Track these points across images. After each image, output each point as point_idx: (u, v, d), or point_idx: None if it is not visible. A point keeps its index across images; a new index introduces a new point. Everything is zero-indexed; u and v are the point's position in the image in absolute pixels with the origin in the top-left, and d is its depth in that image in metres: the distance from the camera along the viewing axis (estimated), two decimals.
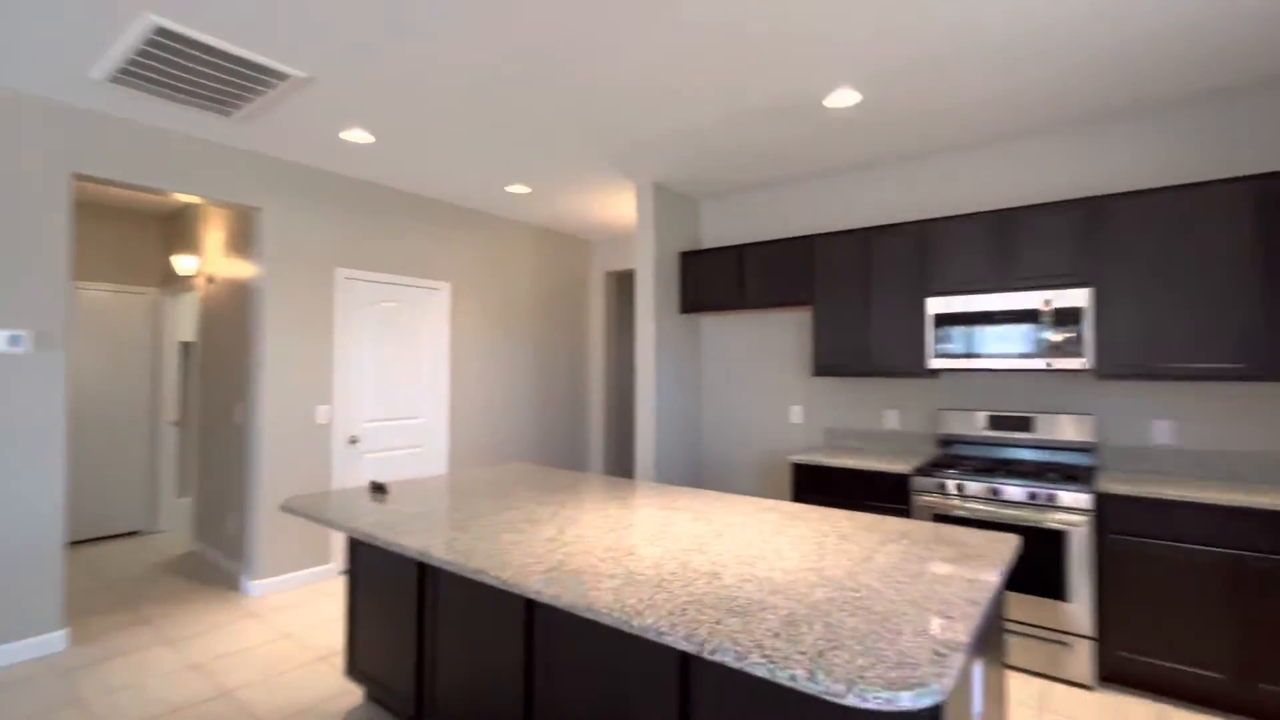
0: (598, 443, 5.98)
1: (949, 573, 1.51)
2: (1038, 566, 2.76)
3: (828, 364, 3.72)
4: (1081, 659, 2.66)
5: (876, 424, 3.87)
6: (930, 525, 1.96)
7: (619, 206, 4.88)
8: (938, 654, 1.08)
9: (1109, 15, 2.26)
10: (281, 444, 3.81)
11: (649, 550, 1.70)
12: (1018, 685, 2.69)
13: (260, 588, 3.72)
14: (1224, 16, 2.28)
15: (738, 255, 4.12)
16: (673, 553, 1.68)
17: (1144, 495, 2.58)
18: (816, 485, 3.47)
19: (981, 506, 2.91)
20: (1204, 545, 2.48)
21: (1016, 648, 2.80)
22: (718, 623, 1.22)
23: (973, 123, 3.23)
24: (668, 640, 1.19)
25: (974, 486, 2.94)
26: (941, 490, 3.02)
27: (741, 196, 4.50)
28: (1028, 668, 2.78)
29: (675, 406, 4.36)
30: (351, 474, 4.16)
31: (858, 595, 1.36)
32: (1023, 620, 2.80)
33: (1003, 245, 3.17)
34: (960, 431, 3.46)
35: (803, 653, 1.09)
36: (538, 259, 5.57)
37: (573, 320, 5.94)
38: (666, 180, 4.20)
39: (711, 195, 4.58)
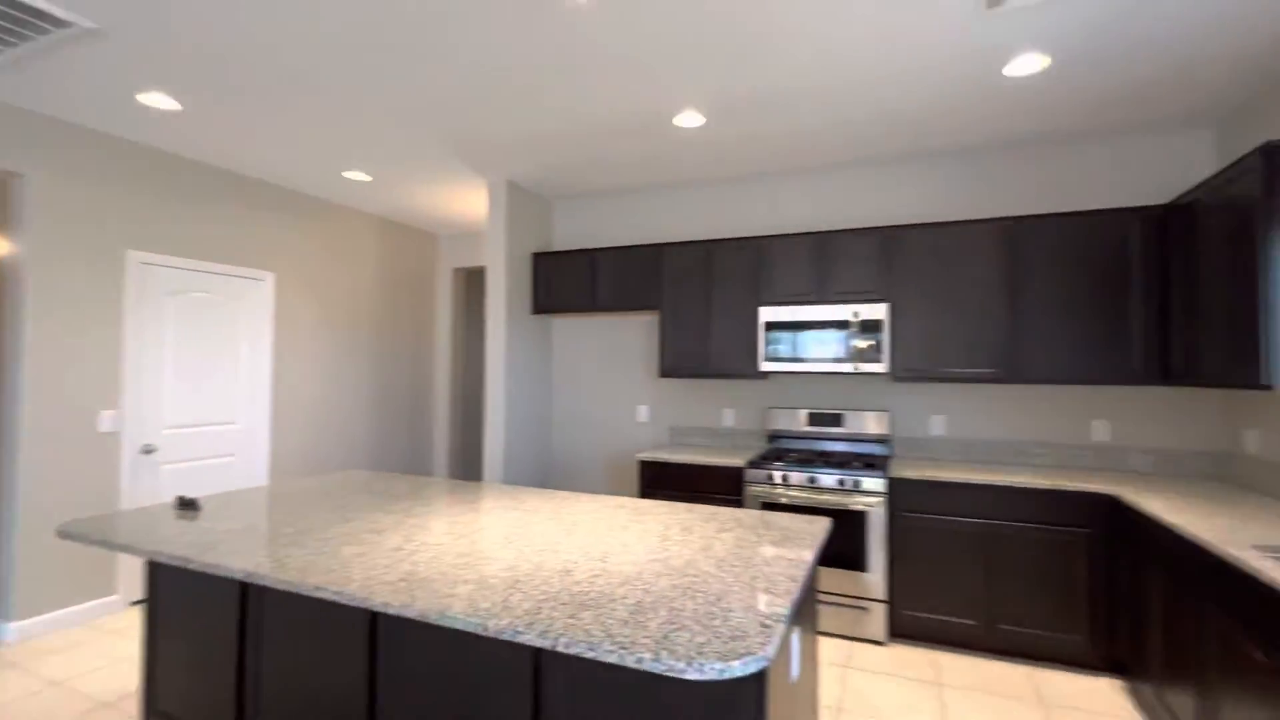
0: (443, 446, 5.76)
1: (774, 554, 1.72)
2: (845, 543, 3.19)
3: (673, 366, 3.95)
4: (878, 620, 3.12)
5: (716, 422, 4.18)
6: (759, 513, 2.20)
7: (469, 202, 4.75)
8: (764, 625, 1.24)
9: (899, 81, 2.68)
10: (51, 455, 3.20)
11: (502, 553, 1.72)
12: (829, 648, 3.09)
13: (20, 630, 3.10)
14: (965, 95, 2.80)
15: (590, 259, 4.22)
16: (526, 554, 1.71)
17: (924, 478, 3.10)
18: (662, 481, 3.67)
19: (801, 494, 3.29)
20: (967, 517, 3.03)
21: (828, 616, 3.21)
22: (571, 618, 1.28)
23: (800, 152, 3.63)
24: (524, 639, 1.22)
25: (795, 476, 3.31)
26: (769, 481, 3.36)
27: (595, 201, 4.61)
28: (838, 632, 3.20)
29: (525, 407, 4.35)
30: (146, 489, 3.61)
31: (698, 580, 1.50)
32: (834, 591, 3.21)
33: (822, 263, 3.61)
34: (786, 427, 3.87)
35: (649, 636, 1.19)
36: (380, 252, 5.24)
37: (418, 318, 5.66)
38: (520, 180, 4.18)
39: (565, 197, 4.64)
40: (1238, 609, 1.79)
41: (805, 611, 1.82)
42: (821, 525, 2.04)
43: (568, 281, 4.29)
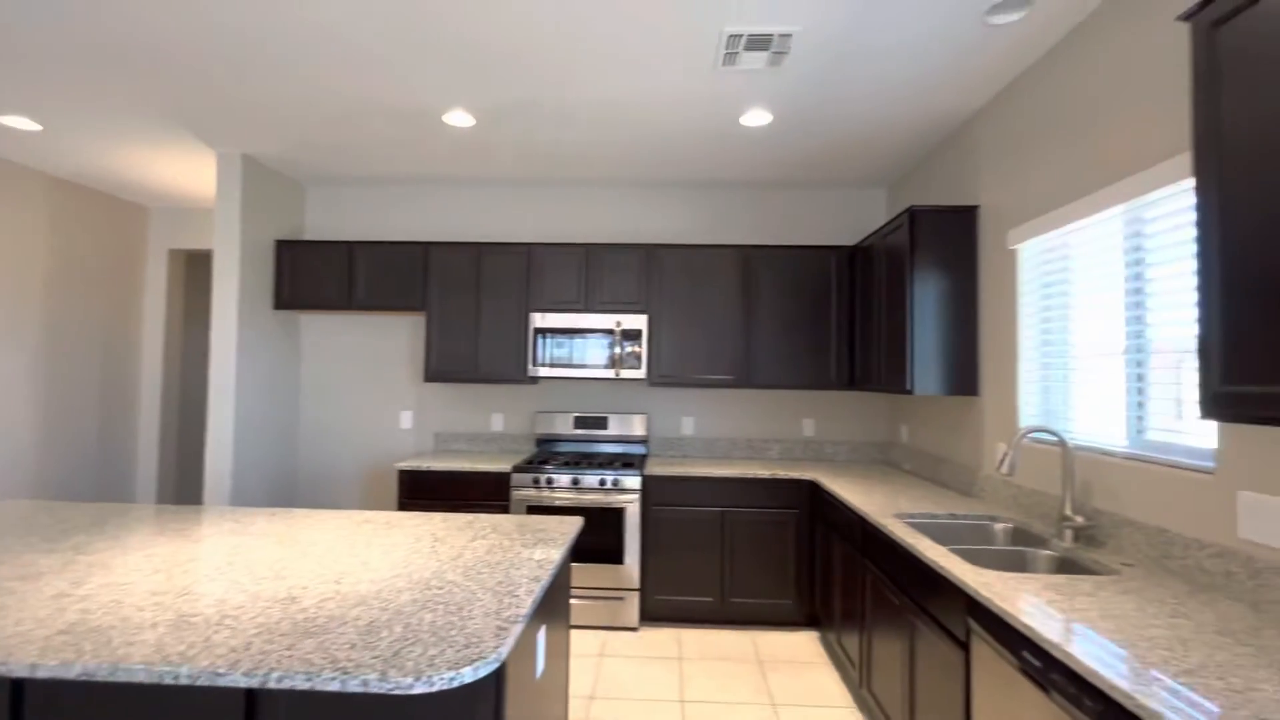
0: (150, 465, 4.76)
1: (525, 556, 1.77)
2: (605, 539, 3.39)
3: (440, 370, 3.81)
4: (631, 608, 3.37)
5: (485, 427, 4.13)
6: (517, 517, 2.24)
7: (193, 172, 4.03)
8: (500, 629, 1.27)
9: (657, 114, 2.96)
10: None
11: (209, 587, 1.50)
12: (587, 639, 3.25)
13: None
14: (713, 135, 3.22)
15: (348, 252, 3.87)
16: (242, 585, 1.52)
17: (672, 474, 3.44)
18: (424, 490, 3.52)
19: (566, 495, 3.41)
20: (707, 506, 3.44)
21: (588, 609, 3.38)
22: (289, 649, 1.17)
23: (573, 165, 3.77)
24: (226, 681, 1.09)
25: (560, 479, 3.42)
26: (535, 484, 3.43)
27: (357, 190, 4.24)
28: (597, 624, 3.38)
29: (264, 415, 3.82)
30: None
31: (442, 592, 1.48)
32: (593, 585, 3.38)
33: (590, 273, 3.79)
34: (554, 431, 3.98)
35: (377, 656, 1.14)
36: (55, 220, 4.15)
37: (116, 306, 4.61)
38: (262, 156, 3.67)
39: (322, 182, 4.18)
40: (883, 564, 2.32)
41: (555, 608, 1.91)
42: (573, 524, 2.16)
43: (321, 275, 3.88)
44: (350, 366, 4.20)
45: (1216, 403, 1.24)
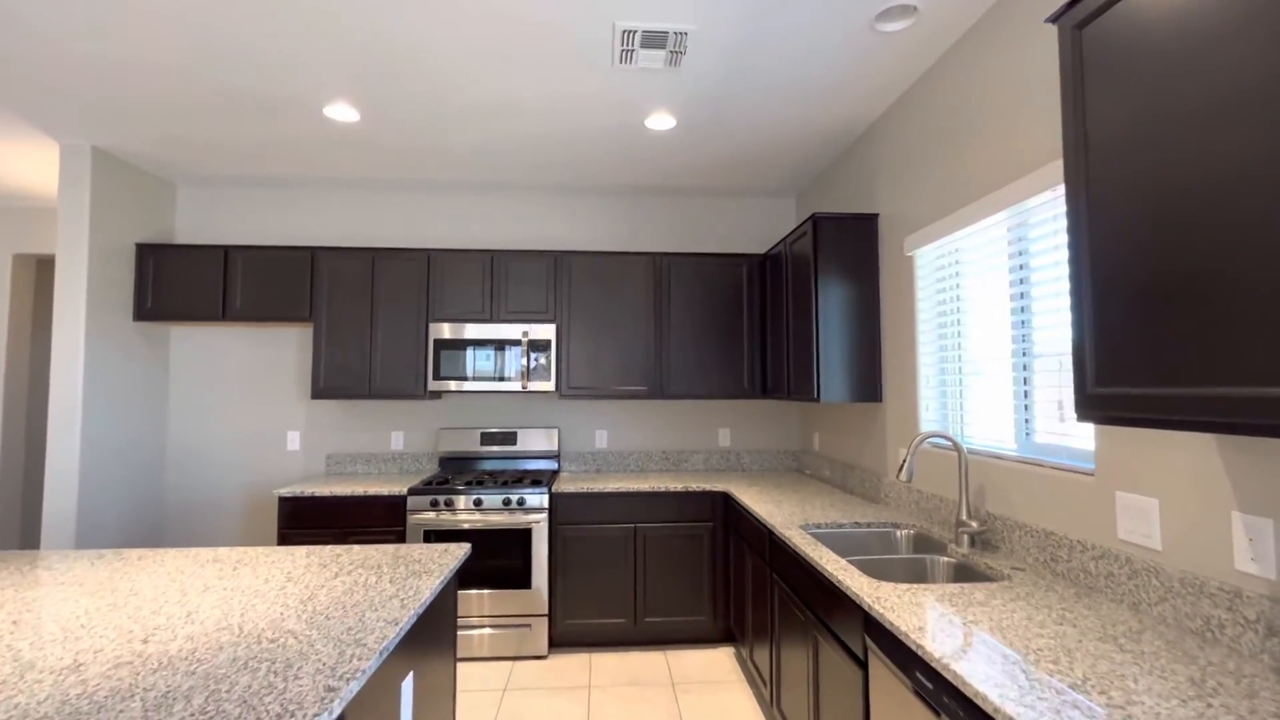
0: None
1: (388, 595, 1.57)
2: (511, 562, 3.18)
3: (329, 386, 3.50)
4: (540, 635, 3.18)
5: (383, 446, 3.83)
6: (393, 548, 2.02)
7: (45, 166, 3.55)
8: (329, 690, 1.08)
9: (560, 114, 2.83)
10: None
11: None
12: (490, 672, 3.02)
13: None
14: (620, 138, 3.13)
15: (223, 257, 3.51)
16: (17, 652, 1.24)
17: (580, 490, 3.28)
18: (308, 519, 3.20)
19: (468, 517, 3.19)
20: (619, 523, 3.30)
21: (493, 639, 3.15)
22: None
23: (474, 167, 3.57)
24: None
25: (461, 500, 3.20)
26: (434, 507, 3.19)
27: (237, 191, 3.87)
28: (503, 654, 3.16)
29: (120, 440, 3.39)
30: None
31: (273, 646, 1.27)
32: (500, 614, 3.16)
33: (495, 281, 3.60)
34: (459, 449, 3.74)
35: None
36: None
37: None
38: (118, 149, 3.27)
39: (196, 182, 3.79)
40: (789, 577, 2.25)
41: (432, 647, 1.71)
42: (457, 553, 1.96)
43: (191, 283, 3.49)
44: (229, 383, 3.80)
45: (1090, 405, 1.22)
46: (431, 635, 1.73)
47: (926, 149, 2.48)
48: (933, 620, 1.39)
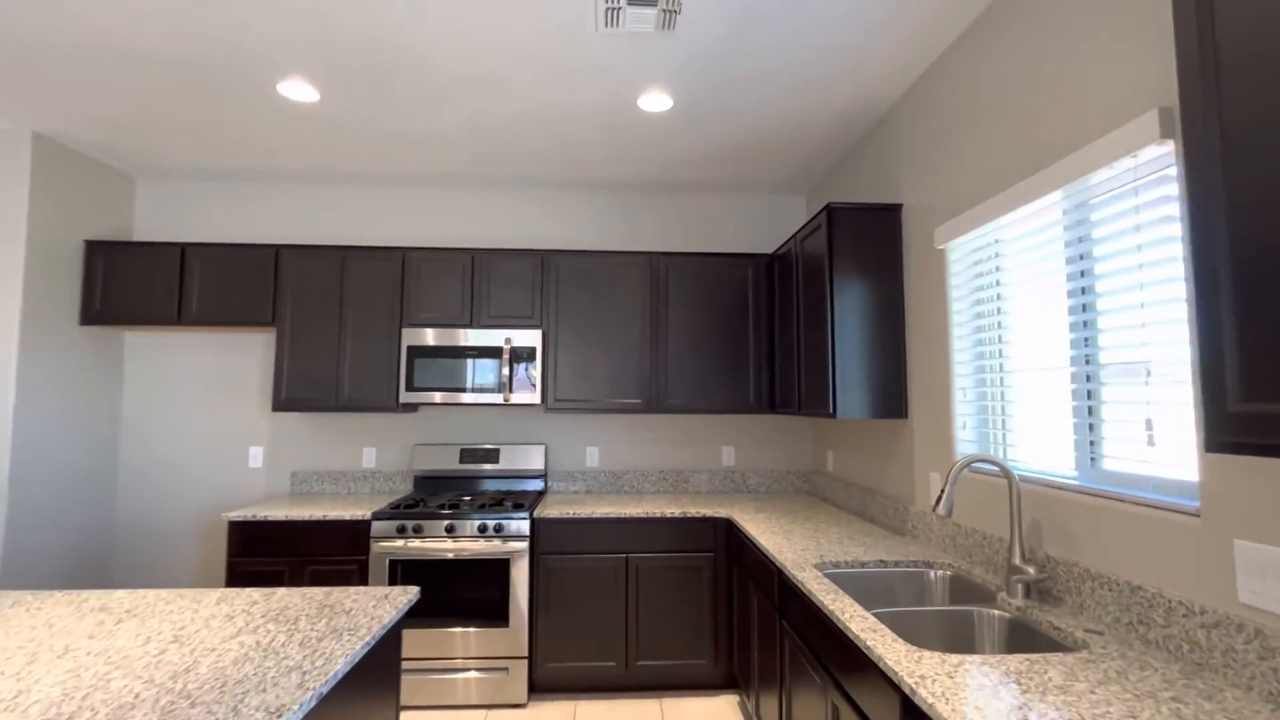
0: None
1: (291, 664, 1.22)
2: (487, 597, 2.83)
3: (293, 397, 3.18)
4: (519, 680, 2.81)
5: (354, 464, 3.50)
6: (324, 592, 1.67)
7: None
8: None
9: (543, 92, 2.52)
10: None
11: None
12: None
13: None
14: (610, 124, 2.81)
15: (179, 255, 3.21)
16: None
17: (566, 516, 2.92)
18: (261, 546, 2.86)
19: (439, 545, 2.84)
20: (608, 553, 2.94)
21: (465, 685, 2.78)
22: None
23: (450, 160, 3.26)
24: None
25: (432, 526, 2.85)
26: (401, 533, 2.84)
27: (199, 185, 3.59)
28: (477, 702, 2.79)
29: (63, 458, 3.07)
30: None
31: None
32: (473, 655, 2.80)
33: (475, 283, 3.28)
34: (435, 467, 3.40)
35: None
36: None
37: None
38: (63, 135, 2.99)
39: (157, 174, 3.51)
40: (802, 627, 1.88)
41: (362, 713, 1.36)
42: (398, 599, 1.61)
43: (145, 284, 3.19)
44: (188, 394, 3.49)
45: (1232, 428, 0.86)
46: (357, 702, 1.38)
47: (963, 125, 2.14)
48: (1001, 715, 1.03)
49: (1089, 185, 1.61)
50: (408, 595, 1.66)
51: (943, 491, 1.71)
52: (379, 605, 1.58)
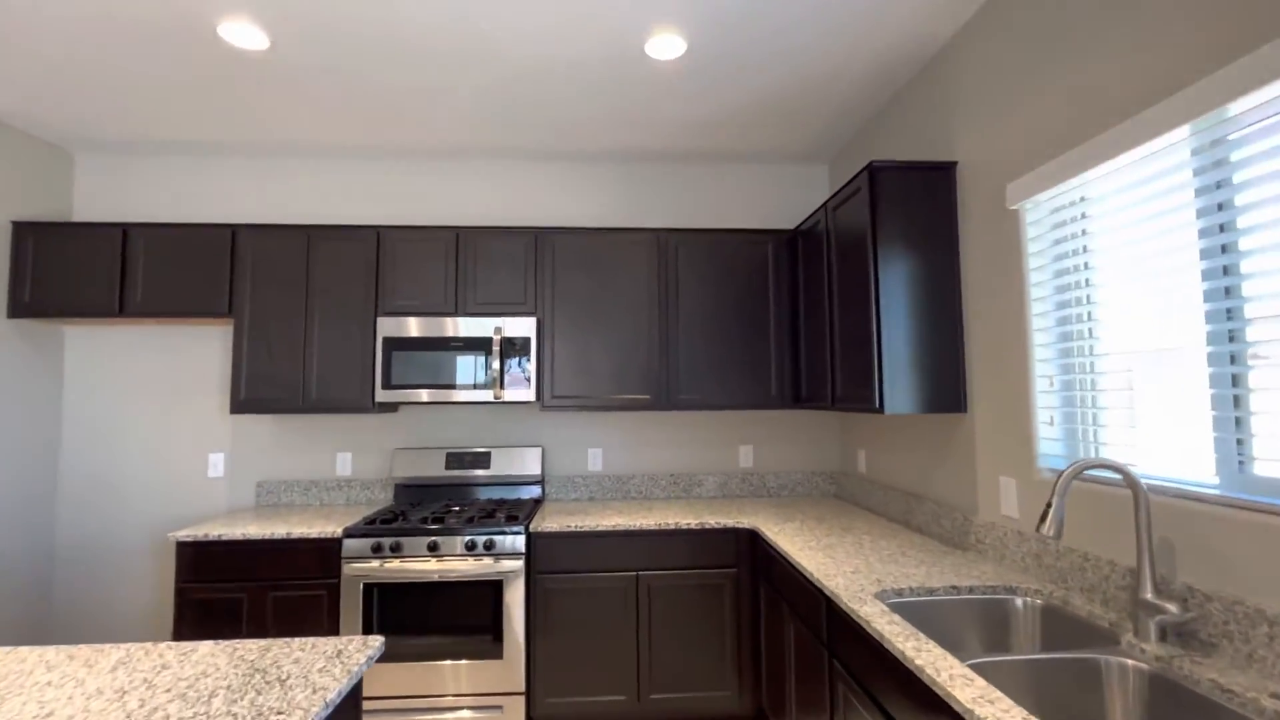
0: None
1: None
2: (478, 624, 2.45)
3: (254, 398, 2.79)
4: (516, 718, 2.44)
5: (327, 471, 3.12)
6: (258, 649, 1.29)
7: None
8: None
9: (538, 40, 2.14)
10: None
11: None
12: None
13: None
14: (614, 76, 2.43)
15: (121, 238, 2.81)
16: None
17: (566, 529, 2.55)
18: (216, 568, 2.48)
19: (420, 566, 2.46)
20: (614, 571, 2.57)
21: None
22: None
23: (431, 125, 2.87)
24: None
25: (411, 543, 2.47)
26: (376, 553, 2.46)
27: (145, 160, 3.18)
28: None
29: None
30: None
31: None
32: (462, 692, 2.43)
33: (462, 266, 2.89)
34: (418, 474, 3.02)
35: None
36: None
37: None
38: None
39: (95, 148, 3.10)
40: (862, 672, 1.52)
41: None
42: (354, 659, 1.24)
43: (82, 270, 2.80)
44: (137, 396, 3.09)
45: None
46: None
47: (1044, 57, 1.77)
48: None
49: (1229, 117, 1.25)
50: (367, 650, 1.29)
51: (1049, 507, 1.35)
52: (327, 668, 1.20)
